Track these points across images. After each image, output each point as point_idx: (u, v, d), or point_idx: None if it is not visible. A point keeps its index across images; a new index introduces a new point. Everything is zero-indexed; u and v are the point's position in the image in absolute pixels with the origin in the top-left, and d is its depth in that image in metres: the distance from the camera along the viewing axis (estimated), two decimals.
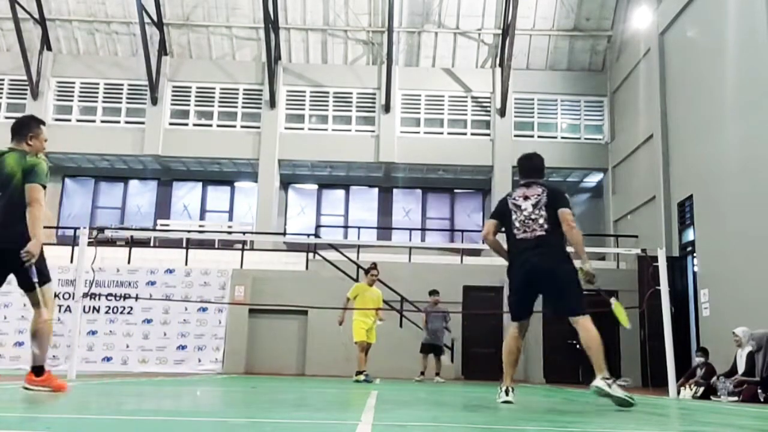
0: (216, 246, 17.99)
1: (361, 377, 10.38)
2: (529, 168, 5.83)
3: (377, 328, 11.10)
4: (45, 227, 5.08)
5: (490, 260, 17.80)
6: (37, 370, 4.93)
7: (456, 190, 21.87)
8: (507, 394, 5.43)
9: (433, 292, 13.41)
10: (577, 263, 5.48)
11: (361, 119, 20.72)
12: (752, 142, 12.17)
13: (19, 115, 22.42)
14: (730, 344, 10.28)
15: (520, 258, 5.50)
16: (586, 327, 5.23)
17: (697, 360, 11.17)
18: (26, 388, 4.86)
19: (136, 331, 14.80)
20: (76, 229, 13.48)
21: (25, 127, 5.14)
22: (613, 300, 5.96)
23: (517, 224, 5.55)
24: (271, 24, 19.34)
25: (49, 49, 20.66)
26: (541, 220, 5.46)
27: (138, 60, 20.11)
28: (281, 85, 20.53)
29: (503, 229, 5.75)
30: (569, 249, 5.58)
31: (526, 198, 5.59)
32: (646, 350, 14.00)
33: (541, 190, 5.60)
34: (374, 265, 11.33)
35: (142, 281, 15.04)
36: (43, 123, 5.32)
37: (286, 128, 20.56)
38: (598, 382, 5.01)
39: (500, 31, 20.18)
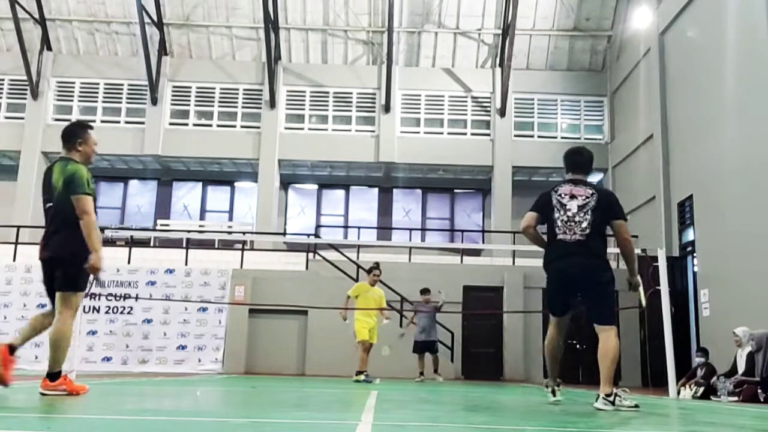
0: (216, 246, 17.98)
1: (362, 377, 10.37)
2: (578, 163, 5.53)
3: (380, 328, 11.10)
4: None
5: (489, 260, 17.82)
6: (52, 376, 4.90)
7: (456, 190, 21.87)
8: (554, 395, 5.50)
9: (425, 291, 13.42)
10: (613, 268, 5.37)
11: (361, 119, 20.72)
12: (752, 142, 12.16)
13: (20, 115, 22.21)
14: (730, 344, 10.28)
15: (558, 261, 5.34)
16: (608, 338, 5.10)
17: (697, 360, 11.17)
18: (43, 394, 4.84)
19: (136, 331, 14.79)
20: None
21: (73, 135, 5.16)
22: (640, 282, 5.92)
23: (558, 223, 5.30)
24: (271, 24, 19.34)
25: (49, 49, 20.66)
26: (584, 224, 5.22)
27: (138, 60, 20.11)
28: (281, 85, 20.53)
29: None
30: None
31: (572, 197, 5.31)
32: (646, 350, 13.99)
33: (590, 191, 5.32)
34: (377, 265, 11.29)
35: (142, 281, 15.03)
36: (91, 127, 5.31)
37: (286, 128, 20.56)
38: (599, 404, 4.97)
39: (500, 31, 20.18)
